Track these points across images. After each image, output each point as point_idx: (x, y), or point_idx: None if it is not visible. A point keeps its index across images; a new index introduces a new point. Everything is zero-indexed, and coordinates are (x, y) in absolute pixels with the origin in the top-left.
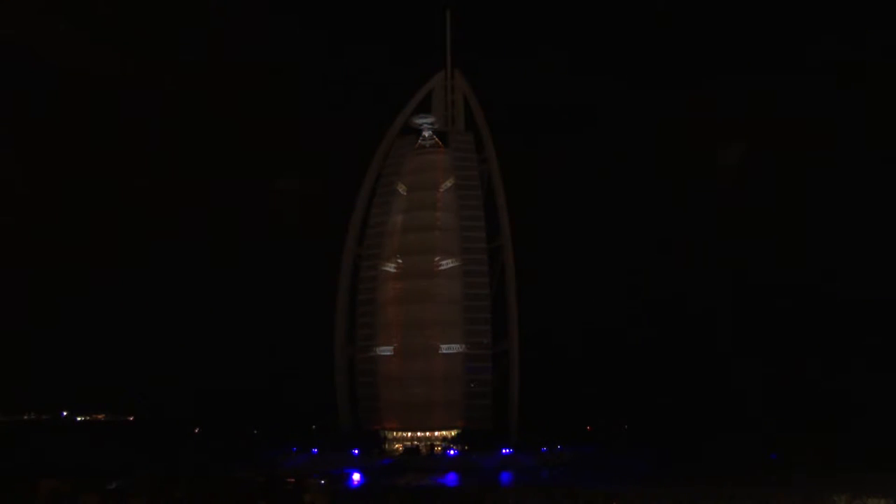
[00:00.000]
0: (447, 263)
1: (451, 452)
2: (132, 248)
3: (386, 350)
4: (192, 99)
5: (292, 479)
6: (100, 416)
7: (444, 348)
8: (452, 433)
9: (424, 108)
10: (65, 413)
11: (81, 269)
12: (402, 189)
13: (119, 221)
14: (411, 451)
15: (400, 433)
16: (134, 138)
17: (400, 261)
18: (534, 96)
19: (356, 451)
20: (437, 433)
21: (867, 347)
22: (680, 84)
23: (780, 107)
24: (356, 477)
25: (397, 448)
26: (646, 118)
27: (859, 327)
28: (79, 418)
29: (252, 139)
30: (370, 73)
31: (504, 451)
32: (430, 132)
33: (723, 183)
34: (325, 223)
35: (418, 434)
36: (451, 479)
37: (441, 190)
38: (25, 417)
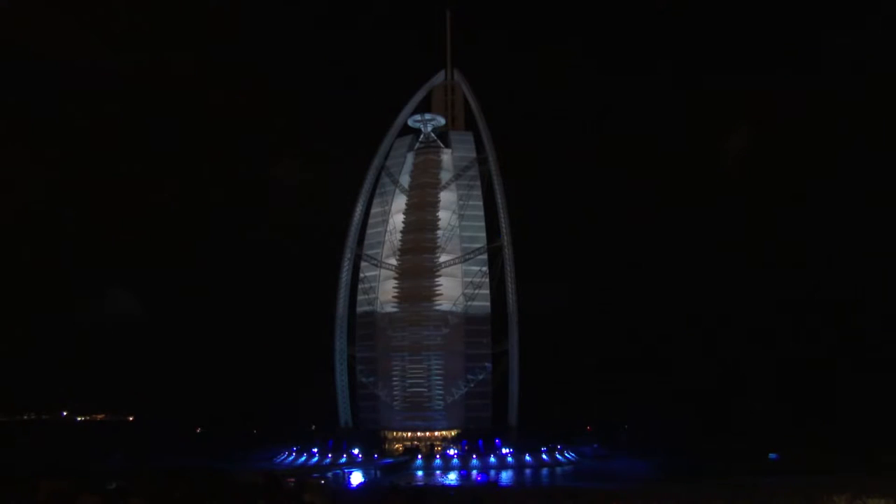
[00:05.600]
0: (447, 263)
1: (451, 452)
2: (132, 248)
3: (385, 349)
4: (190, 98)
5: (292, 479)
6: (100, 416)
7: (444, 348)
8: (452, 433)
9: (424, 108)
10: (65, 413)
11: (82, 268)
12: (401, 189)
13: (119, 221)
14: (411, 451)
15: (400, 433)
16: (133, 137)
17: (400, 260)
18: (534, 95)
19: (356, 451)
20: (437, 433)
21: (867, 348)
22: (682, 83)
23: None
24: (356, 477)
25: (397, 448)
26: (647, 117)
27: (859, 326)
28: (79, 418)
29: (252, 138)
30: (370, 72)
31: (504, 451)
32: (430, 132)
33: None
34: (326, 222)
35: (418, 434)
36: (451, 479)
37: (441, 189)
38: (25, 417)
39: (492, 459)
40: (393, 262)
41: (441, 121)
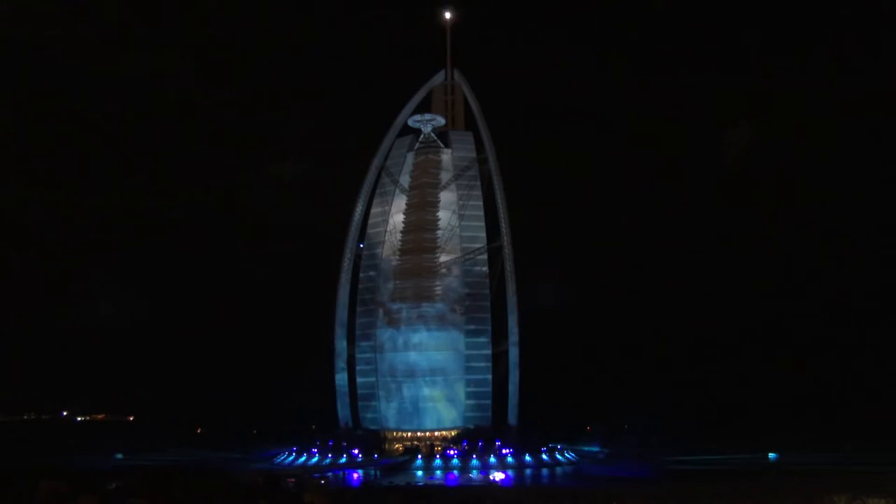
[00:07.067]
0: (447, 263)
1: (451, 453)
2: (132, 247)
3: (385, 349)
4: (190, 97)
5: (292, 479)
6: (100, 416)
7: (444, 348)
8: (452, 433)
9: (424, 107)
10: (65, 413)
11: (82, 267)
12: (401, 188)
13: (118, 220)
14: (411, 451)
15: (400, 433)
16: (129, 135)
17: (400, 260)
18: (534, 95)
19: (356, 451)
20: (436, 433)
21: (868, 347)
22: (683, 82)
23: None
24: (356, 477)
25: (397, 448)
26: (647, 117)
27: (860, 326)
28: (79, 418)
29: (252, 138)
30: (370, 72)
31: (504, 451)
32: (430, 131)
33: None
34: (325, 222)
35: (418, 434)
36: (451, 479)
37: (441, 190)
38: (25, 417)
39: (492, 459)
40: (393, 262)
41: (441, 121)
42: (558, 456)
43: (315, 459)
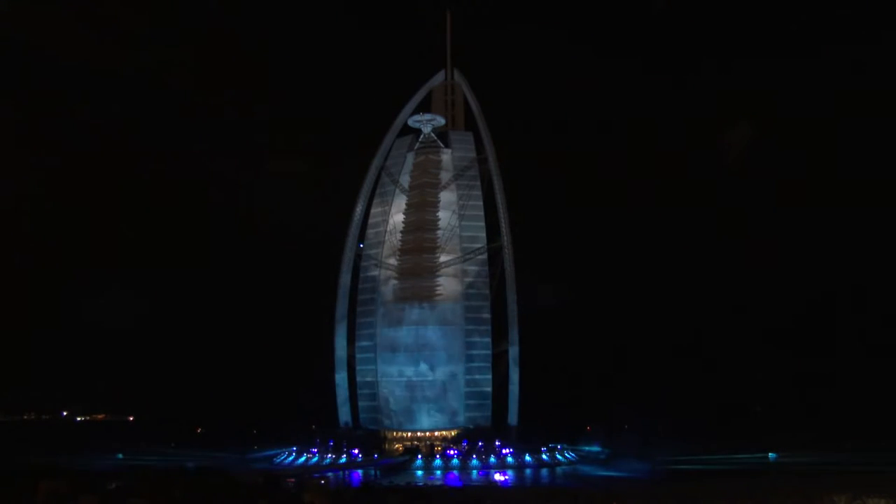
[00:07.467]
0: (447, 263)
1: (451, 453)
2: (132, 247)
3: (385, 349)
4: (191, 98)
5: (292, 479)
6: (100, 416)
7: (444, 348)
8: (452, 433)
9: (424, 107)
10: (65, 413)
11: (82, 268)
12: (401, 189)
13: (119, 220)
14: (411, 451)
15: (400, 433)
16: (128, 135)
17: (400, 260)
18: (534, 95)
19: (356, 451)
20: (436, 433)
21: (869, 347)
22: (683, 81)
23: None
24: (356, 477)
25: (397, 448)
26: (647, 117)
27: (861, 325)
28: (79, 418)
29: (252, 138)
30: (370, 72)
31: (504, 451)
32: (430, 131)
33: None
34: (325, 222)
35: (418, 434)
36: (451, 479)
37: (441, 189)
38: (25, 417)
39: (492, 459)
40: (393, 262)
41: (441, 121)
42: (558, 456)
43: (315, 459)
